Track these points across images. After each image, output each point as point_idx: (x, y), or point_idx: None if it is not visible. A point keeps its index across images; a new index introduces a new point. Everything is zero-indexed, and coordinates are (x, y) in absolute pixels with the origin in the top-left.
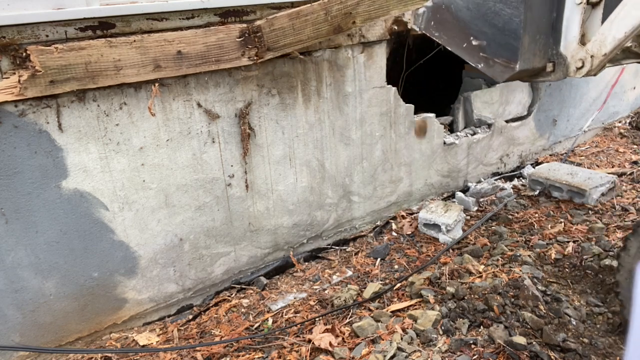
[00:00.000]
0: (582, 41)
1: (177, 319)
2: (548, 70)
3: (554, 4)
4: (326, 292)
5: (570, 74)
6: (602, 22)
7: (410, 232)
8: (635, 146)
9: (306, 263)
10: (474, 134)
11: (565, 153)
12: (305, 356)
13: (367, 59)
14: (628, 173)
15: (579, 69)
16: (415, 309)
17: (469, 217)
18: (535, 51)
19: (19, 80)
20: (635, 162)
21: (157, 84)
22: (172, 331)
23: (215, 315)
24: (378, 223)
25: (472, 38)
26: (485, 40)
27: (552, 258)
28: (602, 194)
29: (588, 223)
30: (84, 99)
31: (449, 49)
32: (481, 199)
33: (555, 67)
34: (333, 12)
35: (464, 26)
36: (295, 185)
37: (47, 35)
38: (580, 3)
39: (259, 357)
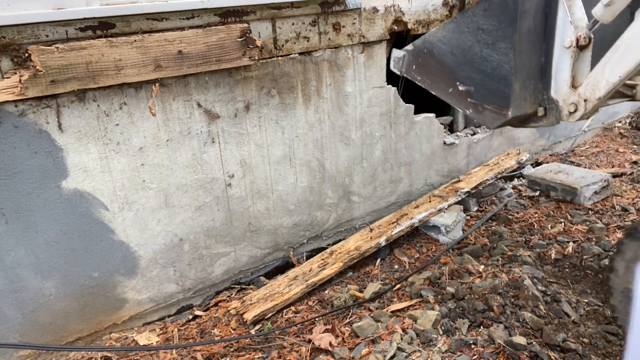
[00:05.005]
0: (573, 84)
1: (177, 319)
2: (540, 115)
3: (542, 48)
4: (326, 292)
5: (563, 119)
6: (592, 64)
7: (410, 233)
8: (635, 146)
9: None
10: (474, 134)
11: (565, 153)
12: (305, 356)
13: (367, 59)
14: (628, 173)
15: (572, 113)
16: (415, 309)
17: (469, 217)
18: (526, 97)
19: (20, 80)
20: (635, 162)
21: (157, 84)
22: (172, 331)
23: (215, 315)
24: None
25: (458, 83)
26: (473, 85)
27: (552, 258)
28: (595, 192)
29: (588, 223)
30: (84, 99)
31: (433, 93)
32: (481, 199)
33: (546, 111)
34: None
35: (449, 71)
36: (295, 185)
37: (47, 35)
38: (570, 46)
39: (259, 357)
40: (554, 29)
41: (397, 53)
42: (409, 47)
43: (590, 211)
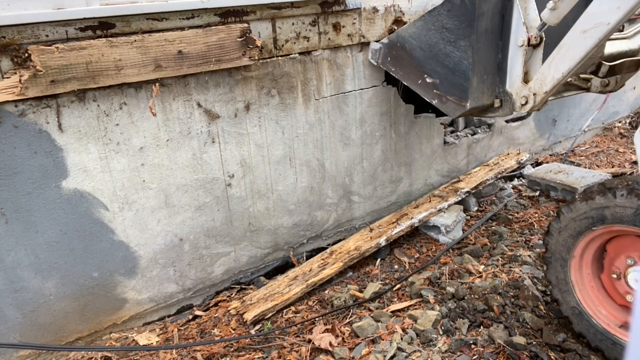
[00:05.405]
0: (526, 79)
1: (177, 319)
2: (496, 106)
3: (499, 46)
4: (326, 292)
5: (516, 110)
6: (543, 61)
7: (410, 233)
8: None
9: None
10: (474, 134)
11: (565, 153)
12: (305, 356)
13: (366, 59)
14: (628, 173)
15: (523, 105)
16: (415, 309)
17: (469, 217)
18: (483, 90)
19: (20, 80)
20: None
21: (157, 84)
22: (172, 331)
23: (215, 315)
24: None
25: (426, 76)
26: (438, 78)
27: None
28: None
29: None
30: (84, 99)
31: (405, 83)
32: (481, 199)
33: (502, 103)
34: None
35: (418, 64)
36: (295, 185)
37: (47, 35)
38: (522, 45)
39: (259, 357)
40: (510, 30)
41: (374, 45)
42: (385, 40)
43: None
